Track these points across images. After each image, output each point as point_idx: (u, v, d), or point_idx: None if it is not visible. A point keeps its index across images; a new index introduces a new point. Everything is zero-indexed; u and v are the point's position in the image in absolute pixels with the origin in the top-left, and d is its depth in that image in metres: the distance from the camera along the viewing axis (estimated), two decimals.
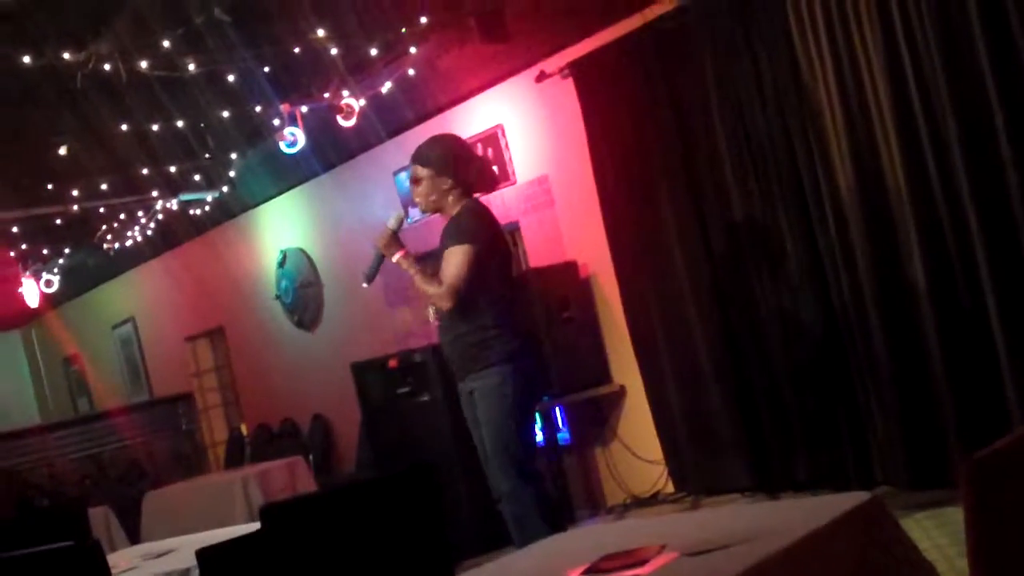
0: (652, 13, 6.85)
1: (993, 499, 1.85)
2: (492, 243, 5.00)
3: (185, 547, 4.47)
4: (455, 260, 4.88)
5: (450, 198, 5.06)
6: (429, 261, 5.22)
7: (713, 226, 6.72)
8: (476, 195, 5.13)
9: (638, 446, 7.45)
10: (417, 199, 5.16)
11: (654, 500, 7.31)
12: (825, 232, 6.08)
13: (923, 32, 5.44)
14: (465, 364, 4.98)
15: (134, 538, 7.74)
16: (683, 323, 6.98)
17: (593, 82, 7.32)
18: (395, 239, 5.08)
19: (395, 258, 5.06)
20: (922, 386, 5.75)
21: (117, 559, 4.49)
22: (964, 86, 5.34)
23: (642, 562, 2.40)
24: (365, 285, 5.29)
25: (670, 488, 7.30)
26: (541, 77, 7.64)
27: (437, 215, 5.21)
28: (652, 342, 7.22)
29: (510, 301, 5.07)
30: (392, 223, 5.11)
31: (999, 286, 5.32)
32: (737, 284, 6.64)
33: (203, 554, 3.34)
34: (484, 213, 5.09)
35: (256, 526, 3.50)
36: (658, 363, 7.21)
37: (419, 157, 5.12)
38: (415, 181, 5.11)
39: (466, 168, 5.07)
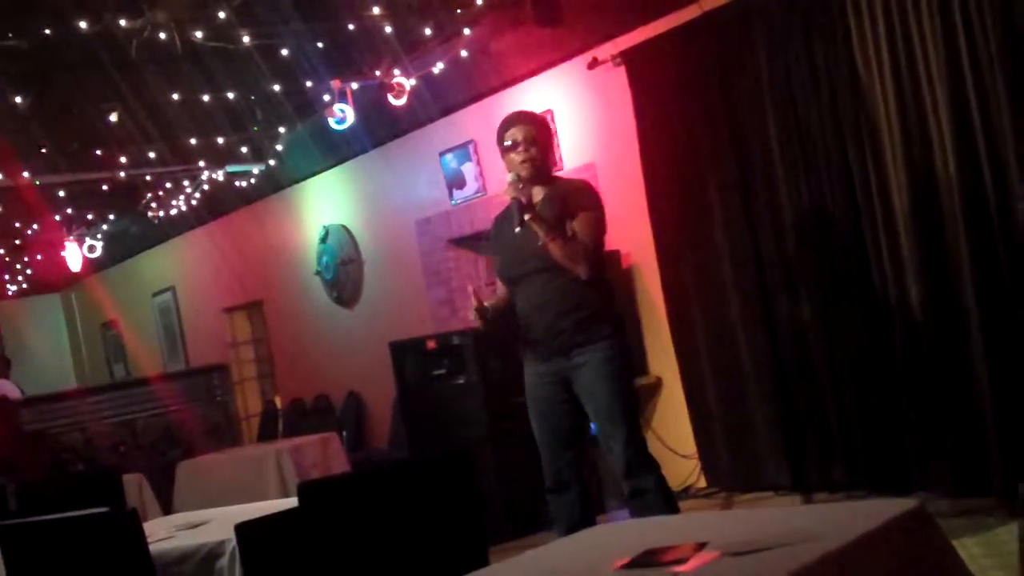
0: (708, 4, 6.78)
1: None
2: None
3: (220, 519, 4.48)
4: (591, 227, 4.74)
5: (548, 172, 4.99)
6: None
7: (761, 223, 6.66)
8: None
9: (672, 439, 7.41)
10: (526, 160, 4.83)
11: (685, 494, 7.26)
12: (874, 233, 6.01)
13: (984, 33, 5.35)
14: (573, 339, 4.73)
15: (166, 506, 7.79)
16: (724, 318, 6.94)
17: (645, 71, 7.27)
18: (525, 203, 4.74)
19: (527, 217, 4.69)
20: (965, 392, 5.68)
21: (152, 528, 4.50)
22: (1020, 86, 5.25)
23: (683, 560, 2.38)
24: (517, 231, 4.75)
25: (702, 483, 7.27)
26: (593, 64, 7.60)
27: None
28: (691, 336, 7.19)
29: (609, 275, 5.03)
30: (512, 177, 4.80)
31: None
32: (782, 282, 6.58)
33: (241, 528, 3.35)
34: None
35: (291, 502, 3.51)
36: (696, 357, 7.17)
37: (538, 122, 5.00)
38: (531, 141, 4.85)
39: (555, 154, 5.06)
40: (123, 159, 9.22)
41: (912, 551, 2.47)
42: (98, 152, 8.94)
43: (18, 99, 7.17)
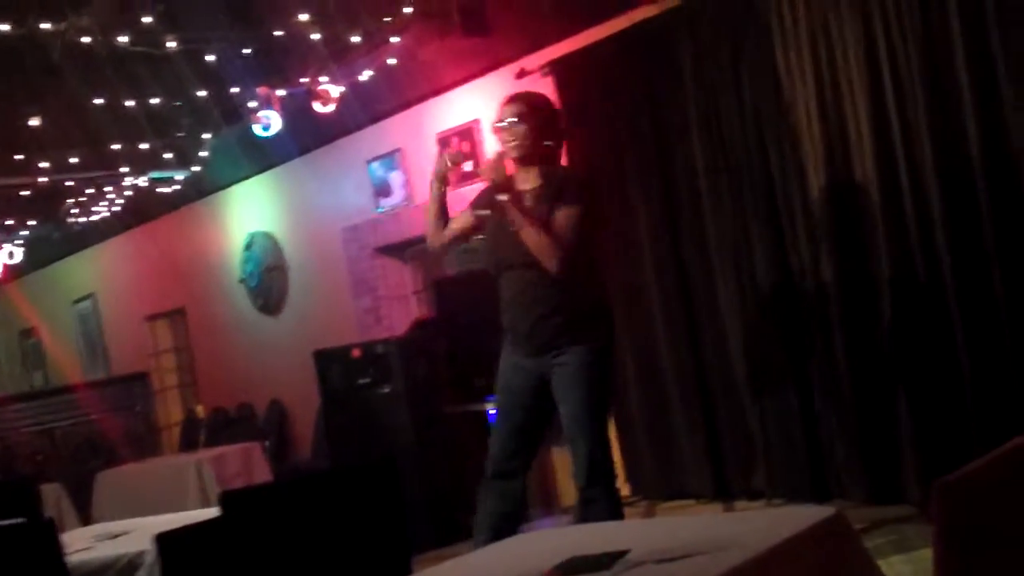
0: (638, 16, 6.83)
1: (963, 523, 1.85)
2: (593, 209, 4.70)
3: (139, 530, 4.43)
4: (567, 220, 4.50)
5: (543, 155, 4.69)
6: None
7: (684, 233, 6.73)
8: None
9: None
10: (511, 140, 4.67)
11: None
12: (795, 246, 6.10)
13: (905, 51, 5.46)
14: (555, 341, 4.57)
15: (84, 517, 7.69)
16: (648, 327, 6.99)
17: (573, 82, 7.31)
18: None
19: (503, 197, 4.55)
20: (882, 401, 5.78)
21: (70, 539, 4.43)
22: (942, 107, 5.36)
23: (607, 567, 2.40)
24: (480, 212, 4.73)
25: (625, 491, 7.30)
26: (521, 74, 7.62)
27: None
28: (616, 344, 7.21)
29: (601, 275, 4.83)
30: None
31: (965, 308, 5.35)
32: (704, 292, 6.65)
33: (162, 538, 3.32)
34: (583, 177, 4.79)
35: (213, 512, 3.47)
36: (620, 366, 7.20)
37: (530, 102, 4.75)
38: (519, 117, 4.65)
39: (560, 139, 4.79)
40: (44, 164, 9.09)
41: (830, 558, 2.51)
42: (18, 157, 8.80)
43: None
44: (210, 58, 6.68)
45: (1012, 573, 1.94)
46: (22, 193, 10.18)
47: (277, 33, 6.56)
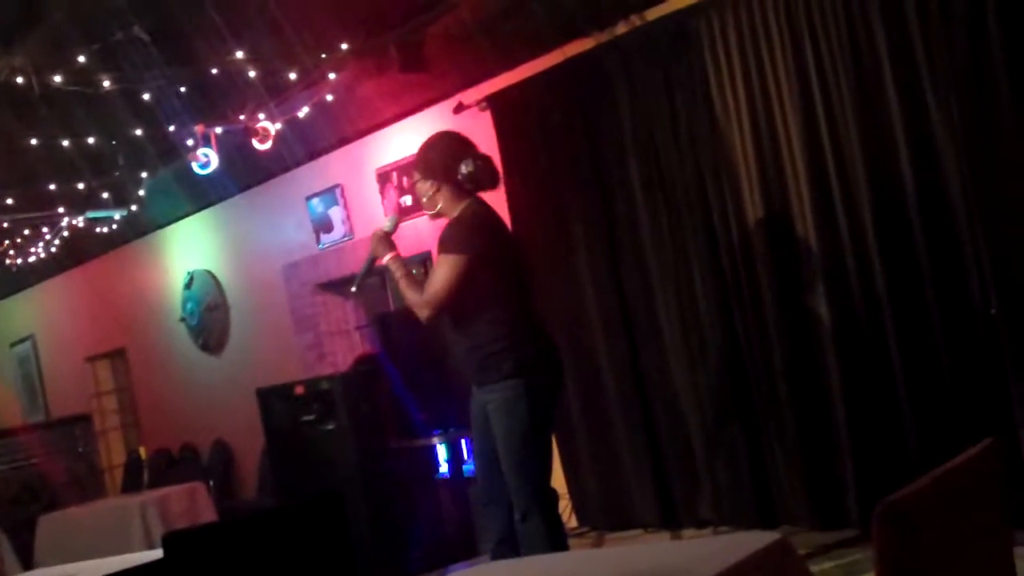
0: (571, 50, 6.90)
1: (904, 544, 1.88)
2: (490, 250, 4.73)
3: (82, 574, 4.37)
4: (441, 271, 4.65)
5: (443, 201, 4.81)
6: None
7: (624, 261, 6.77)
8: (479, 194, 4.86)
9: None
10: (423, 200, 4.94)
11: None
12: (734, 270, 6.16)
13: (836, 77, 5.55)
14: (480, 375, 4.75)
15: (27, 562, 7.57)
16: (591, 359, 7.01)
17: (510, 115, 7.35)
18: (388, 240, 4.87)
19: (386, 259, 4.82)
20: (823, 427, 5.84)
21: None
22: (874, 133, 5.46)
23: None
24: (353, 290, 5.02)
25: (573, 523, 7.30)
26: (459, 108, 7.65)
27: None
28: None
29: (522, 309, 4.83)
30: (388, 225, 4.92)
31: (901, 329, 5.43)
32: (645, 318, 6.69)
33: None
34: (481, 218, 4.81)
35: (156, 554, 3.44)
36: (565, 398, 7.21)
37: (416, 161, 4.93)
38: (413, 186, 4.96)
39: (453, 170, 4.79)
40: None
41: None
42: None
43: None
44: (146, 96, 6.65)
45: None
46: None
47: (213, 71, 6.55)
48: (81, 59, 5.96)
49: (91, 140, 7.51)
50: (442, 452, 7.51)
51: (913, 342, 5.41)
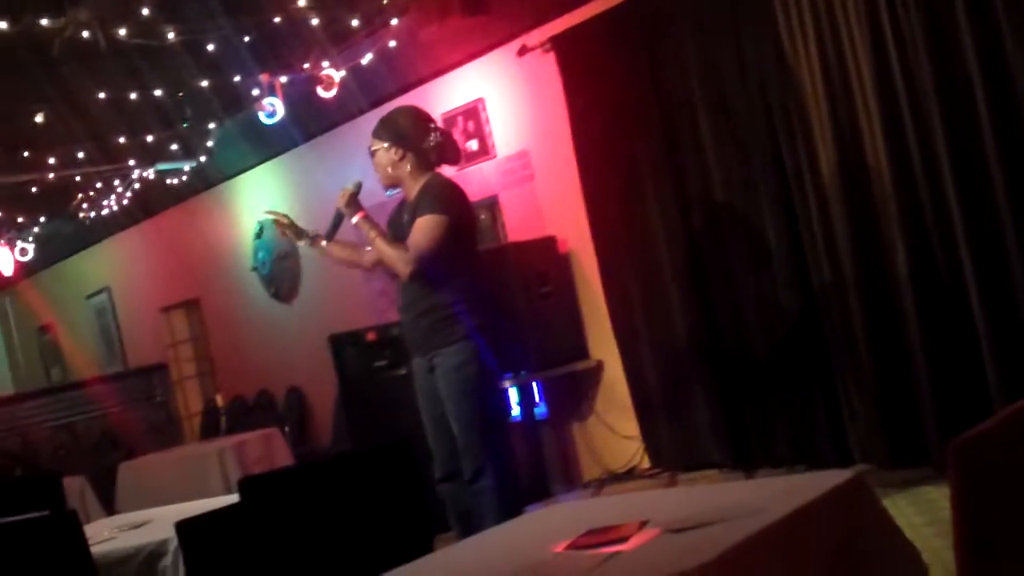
0: None
1: (979, 481, 1.85)
2: (463, 216, 4.88)
3: (161, 519, 4.45)
4: (427, 228, 4.72)
5: (406, 170, 4.91)
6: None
7: (694, 204, 6.71)
8: (439, 170, 4.97)
9: (615, 422, 7.46)
10: (377, 172, 5.02)
11: (630, 476, 7.31)
12: (806, 212, 6.07)
13: (906, 11, 5.42)
14: (429, 339, 4.81)
15: (109, 508, 7.72)
16: (662, 300, 6.98)
17: (575, 57, 7.29)
18: (355, 200, 4.93)
19: (355, 219, 4.90)
20: (900, 364, 5.77)
21: (93, 530, 4.46)
22: (947, 67, 5.33)
23: (624, 538, 2.40)
24: (324, 244, 5.10)
25: (646, 464, 7.32)
26: (523, 51, 7.60)
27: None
28: (630, 318, 7.22)
29: (477, 275, 4.95)
30: (351, 186, 4.98)
31: (979, 266, 5.33)
32: (717, 262, 6.64)
33: (182, 526, 3.33)
34: (454, 185, 4.95)
35: (233, 498, 3.49)
36: (636, 339, 7.21)
37: (375, 130, 5.01)
38: (372, 154, 4.98)
39: (421, 140, 4.90)
40: (51, 160, 9.11)
41: (851, 521, 2.51)
42: (26, 154, 8.82)
43: None
44: (210, 47, 6.67)
45: None
46: (31, 190, 10.21)
47: (276, 19, 6.55)
48: (145, 11, 5.99)
49: (158, 92, 7.56)
50: (513, 395, 7.54)
51: (991, 277, 5.30)
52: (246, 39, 6.79)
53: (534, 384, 7.67)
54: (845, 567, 2.41)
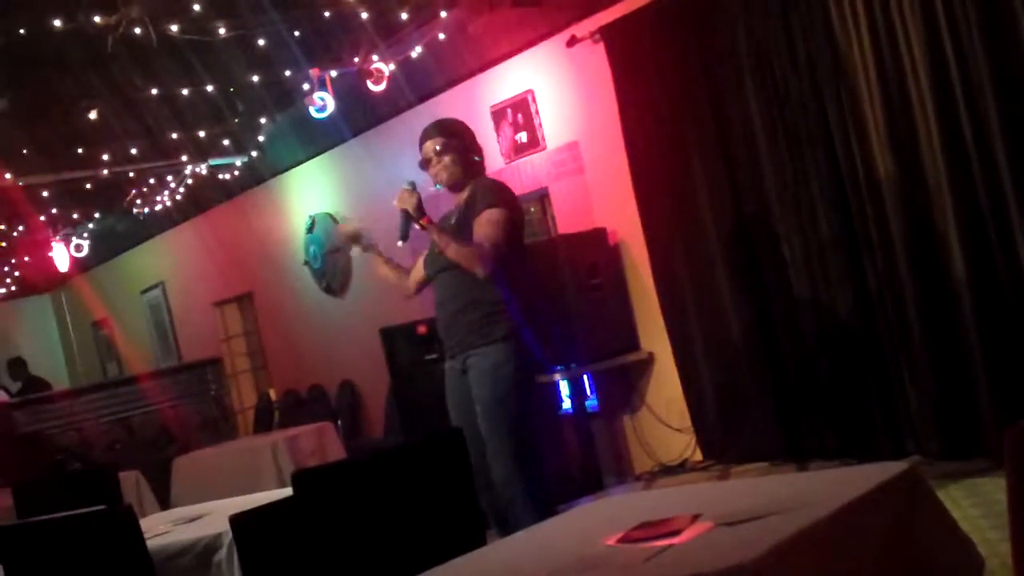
0: None
1: None
2: (516, 211, 4.94)
3: (216, 512, 4.49)
4: (495, 220, 4.75)
5: (460, 176, 5.03)
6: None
7: (745, 194, 6.67)
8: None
9: (666, 414, 7.43)
10: (441, 171, 5.04)
11: (682, 468, 7.29)
12: (858, 200, 6.02)
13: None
14: (464, 338, 4.82)
15: (164, 502, 7.79)
16: (713, 291, 6.94)
17: (624, 47, 7.26)
18: (420, 204, 4.96)
19: (421, 223, 4.93)
20: (955, 356, 5.70)
21: (149, 524, 4.50)
22: (1003, 57, 5.26)
23: (677, 531, 2.39)
24: (400, 244, 5.11)
25: (698, 456, 7.28)
26: (572, 42, 7.59)
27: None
28: (681, 310, 7.19)
29: (525, 270, 4.99)
30: (407, 185, 5.01)
31: None
32: (769, 253, 6.59)
33: (236, 520, 3.35)
34: (503, 183, 5.06)
35: (287, 492, 3.51)
36: (687, 331, 7.18)
37: (445, 130, 5.06)
38: (442, 152, 5.00)
39: (476, 149, 5.09)
40: (105, 156, 9.20)
41: (905, 513, 2.48)
42: (79, 150, 8.91)
43: None
44: (261, 43, 6.71)
45: None
46: (85, 187, 10.31)
47: (326, 14, 6.57)
48: (196, 7, 6.03)
49: (209, 88, 7.61)
50: (564, 388, 7.54)
51: None
52: (296, 34, 6.82)
53: (585, 377, 7.66)
54: (900, 559, 2.39)
